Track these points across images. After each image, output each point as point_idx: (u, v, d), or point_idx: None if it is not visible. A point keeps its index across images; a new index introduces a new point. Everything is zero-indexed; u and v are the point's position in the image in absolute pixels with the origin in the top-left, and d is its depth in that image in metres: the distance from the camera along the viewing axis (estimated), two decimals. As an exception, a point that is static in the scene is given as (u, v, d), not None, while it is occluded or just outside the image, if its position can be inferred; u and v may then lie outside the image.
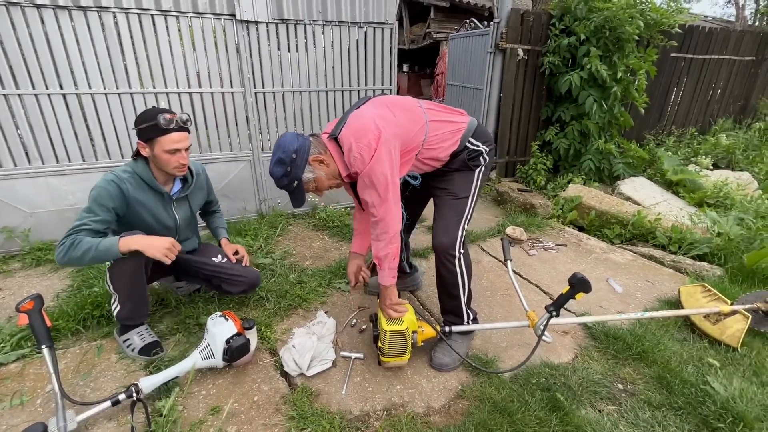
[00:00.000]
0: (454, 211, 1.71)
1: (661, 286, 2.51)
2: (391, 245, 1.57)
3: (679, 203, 3.84)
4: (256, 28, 2.85)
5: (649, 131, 5.37)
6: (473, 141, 1.69)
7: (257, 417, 1.51)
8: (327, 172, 1.57)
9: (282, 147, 1.49)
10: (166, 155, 1.68)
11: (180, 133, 1.69)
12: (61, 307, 1.99)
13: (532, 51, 4.05)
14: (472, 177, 1.72)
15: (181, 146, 1.70)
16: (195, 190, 1.95)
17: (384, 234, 1.55)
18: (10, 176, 2.51)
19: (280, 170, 1.50)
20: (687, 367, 1.76)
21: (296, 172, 1.51)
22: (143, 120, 1.66)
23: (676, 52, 4.94)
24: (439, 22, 8.49)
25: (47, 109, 2.49)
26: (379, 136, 1.45)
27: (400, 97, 1.67)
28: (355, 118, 1.51)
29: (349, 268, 1.87)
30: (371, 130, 1.46)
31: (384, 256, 1.58)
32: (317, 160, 1.54)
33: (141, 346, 1.75)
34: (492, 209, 3.85)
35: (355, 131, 1.47)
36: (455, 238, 1.68)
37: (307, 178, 1.55)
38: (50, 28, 2.36)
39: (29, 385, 1.63)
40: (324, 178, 1.58)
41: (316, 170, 1.55)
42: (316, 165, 1.55)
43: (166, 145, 1.66)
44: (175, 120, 1.67)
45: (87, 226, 1.58)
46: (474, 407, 1.56)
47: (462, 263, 1.70)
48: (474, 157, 1.70)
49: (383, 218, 1.53)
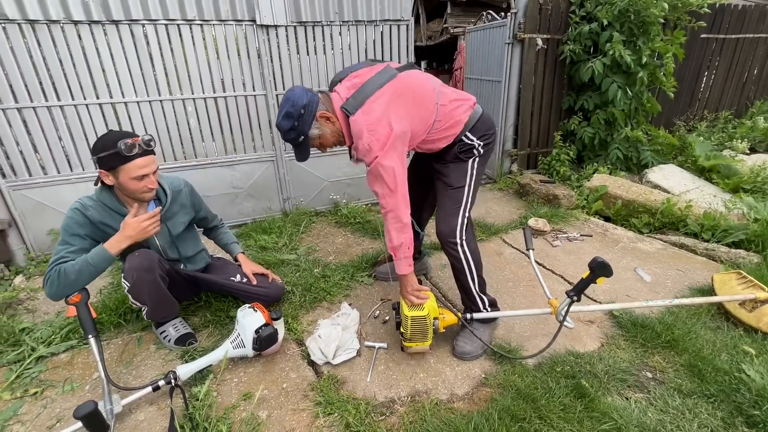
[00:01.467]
0: (450, 201, 1.75)
1: (692, 275, 2.43)
2: (403, 234, 1.61)
3: (712, 190, 3.68)
4: (276, 32, 2.94)
5: (679, 117, 5.15)
6: (468, 135, 1.70)
7: (286, 402, 1.58)
8: (332, 129, 1.59)
9: (291, 101, 1.50)
10: (132, 182, 1.58)
11: (145, 158, 1.58)
12: (103, 301, 2.13)
13: (552, 40, 3.97)
14: (465, 167, 1.74)
15: (147, 171, 1.59)
16: (174, 209, 1.83)
17: (395, 223, 1.60)
18: (55, 182, 2.69)
19: (287, 123, 1.51)
20: (720, 355, 1.71)
21: (303, 126, 1.52)
22: (102, 148, 1.53)
23: (706, 33, 4.72)
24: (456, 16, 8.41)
25: (86, 119, 2.66)
26: (390, 133, 1.49)
27: (422, 85, 1.61)
28: (373, 107, 1.49)
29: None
30: (384, 126, 1.49)
31: (398, 245, 1.62)
32: (324, 116, 1.55)
33: (176, 337, 1.86)
34: (514, 201, 3.81)
35: (368, 123, 1.48)
36: (454, 226, 1.71)
37: (313, 134, 1.57)
38: (86, 42, 2.52)
39: (78, 373, 1.76)
40: (329, 134, 1.59)
41: (323, 127, 1.57)
42: (322, 122, 1.56)
43: (131, 172, 1.56)
44: (137, 144, 1.55)
45: (65, 258, 1.56)
46: (497, 394, 1.58)
47: (465, 249, 1.72)
48: (465, 151, 1.72)
49: (392, 209, 1.58)
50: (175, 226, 1.84)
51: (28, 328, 2.00)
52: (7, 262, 2.68)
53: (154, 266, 1.65)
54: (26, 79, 2.45)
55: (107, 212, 1.66)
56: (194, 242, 2.01)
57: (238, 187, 3.23)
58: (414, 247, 2.31)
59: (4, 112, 2.46)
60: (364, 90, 1.52)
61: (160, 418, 1.52)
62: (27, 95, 2.48)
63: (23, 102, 2.48)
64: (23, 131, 2.54)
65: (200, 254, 2.05)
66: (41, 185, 2.67)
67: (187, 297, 2.08)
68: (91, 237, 1.64)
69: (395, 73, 1.56)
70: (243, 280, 2.01)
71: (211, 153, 3.09)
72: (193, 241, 2.00)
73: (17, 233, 2.68)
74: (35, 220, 2.70)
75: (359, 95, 1.51)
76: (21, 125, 2.52)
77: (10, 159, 2.56)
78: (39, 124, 2.56)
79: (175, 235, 1.86)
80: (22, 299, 2.34)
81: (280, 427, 1.47)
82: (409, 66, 1.67)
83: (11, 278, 2.57)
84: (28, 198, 2.66)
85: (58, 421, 1.53)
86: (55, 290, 1.55)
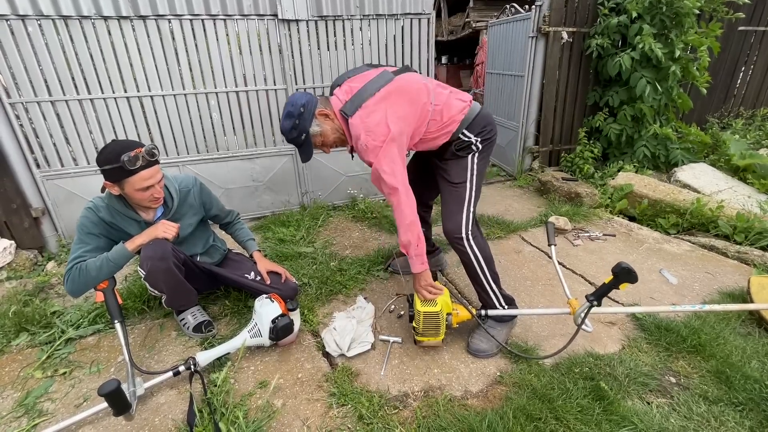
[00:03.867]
0: (453, 198, 1.74)
1: (722, 278, 2.32)
2: (410, 232, 1.60)
3: (746, 190, 3.50)
4: (297, 27, 2.95)
5: (712, 113, 4.92)
6: (465, 133, 1.69)
7: (301, 392, 1.60)
8: (332, 126, 1.64)
9: (291, 102, 1.59)
10: (138, 193, 1.60)
11: (149, 170, 1.59)
12: (128, 288, 2.21)
13: (578, 33, 3.85)
14: (465, 163, 1.73)
15: (152, 182, 1.61)
16: (182, 211, 1.87)
17: (401, 221, 1.60)
18: (85, 173, 2.80)
19: (288, 123, 1.59)
20: (750, 362, 1.63)
21: (304, 124, 1.59)
22: (105, 161, 1.53)
23: (744, 25, 4.48)
24: (479, 10, 8.27)
25: (114, 112, 2.75)
26: (388, 133, 1.52)
27: (416, 87, 1.63)
28: (370, 110, 1.54)
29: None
30: (382, 127, 1.52)
31: (406, 243, 1.62)
32: (323, 114, 1.62)
33: (194, 324, 1.91)
34: (534, 199, 3.73)
35: (366, 126, 1.53)
36: (459, 222, 1.70)
37: (314, 131, 1.62)
38: (115, 37, 2.60)
39: (104, 356, 1.84)
40: (330, 131, 1.64)
41: (323, 124, 1.63)
42: (321, 119, 1.62)
43: (136, 184, 1.57)
44: (141, 156, 1.54)
45: (83, 257, 1.62)
46: (513, 393, 1.55)
47: (472, 244, 1.70)
48: (462, 148, 1.71)
49: (397, 206, 1.59)
50: (183, 229, 1.86)
51: (58, 311, 2.10)
52: (41, 248, 2.81)
53: (167, 255, 1.69)
54: (59, 73, 2.55)
55: (118, 215, 1.71)
56: (204, 239, 2.04)
57: (257, 181, 3.28)
58: (427, 241, 2.32)
59: (39, 105, 2.57)
60: (362, 94, 1.57)
61: (180, 402, 1.56)
62: (60, 89, 2.58)
63: (56, 95, 2.59)
64: (56, 123, 2.65)
65: (212, 248, 2.08)
66: (72, 176, 2.78)
67: (206, 288, 2.13)
68: (105, 236, 1.71)
69: (391, 77, 1.61)
70: (257, 278, 2.03)
71: (233, 146, 3.14)
72: (202, 238, 2.03)
73: (50, 221, 2.81)
74: (67, 208, 2.82)
75: (357, 99, 1.57)
76: (54, 118, 2.63)
77: (44, 150, 2.67)
78: (71, 117, 2.67)
79: (183, 236, 1.89)
80: (53, 284, 2.45)
81: (294, 416, 1.50)
82: (405, 69, 1.71)
83: (44, 264, 2.69)
84: (61, 188, 2.78)
85: (85, 400, 1.60)
86: (76, 287, 1.62)
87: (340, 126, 1.64)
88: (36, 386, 1.66)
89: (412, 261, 1.66)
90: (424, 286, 1.67)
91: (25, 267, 2.62)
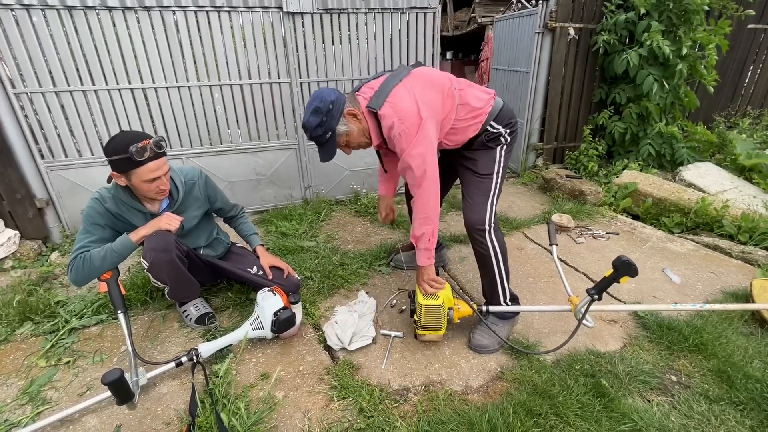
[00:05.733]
0: (479, 190, 1.73)
1: (726, 278, 2.31)
2: (427, 225, 1.60)
3: (752, 190, 3.47)
4: (302, 19, 2.94)
5: (719, 112, 4.88)
6: (493, 125, 1.69)
7: (302, 384, 1.61)
8: (359, 127, 1.60)
9: (319, 97, 1.52)
10: (144, 184, 1.61)
11: (156, 161, 1.59)
12: (132, 279, 2.22)
13: (584, 29, 3.81)
14: (494, 155, 1.72)
15: (159, 173, 1.62)
16: (187, 203, 1.88)
17: (421, 214, 1.60)
18: (89, 164, 2.81)
19: (315, 119, 1.51)
20: (752, 362, 1.63)
21: (331, 122, 1.53)
22: (113, 152, 1.54)
23: (754, 23, 4.43)
24: (485, 5, 8.19)
25: (118, 103, 2.75)
26: (420, 120, 1.50)
27: (437, 74, 1.65)
28: (399, 97, 1.52)
29: (379, 204, 2.10)
30: (414, 113, 1.50)
31: (420, 235, 1.62)
32: (351, 114, 1.57)
33: (196, 316, 1.92)
34: (537, 196, 3.72)
35: (398, 111, 1.50)
36: (483, 214, 1.69)
37: (341, 131, 1.57)
38: (120, 28, 2.60)
39: (107, 346, 1.85)
40: (356, 133, 1.60)
41: (350, 124, 1.58)
42: (350, 119, 1.57)
43: (143, 176, 1.58)
44: (148, 147, 1.55)
45: (87, 247, 1.64)
46: (513, 389, 1.56)
47: (493, 237, 1.70)
48: (492, 139, 1.70)
49: (420, 197, 1.58)
50: (188, 221, 1.87)
51: (62, 301, 2.11)
52: (45, 238, 2.82)
53: (170, 247, 1.70)
54: (64, 64, 2.55)
55: (123, 206, 1.72)
56: (208, 232, 2.04)
57: (261, 174, 3.28)
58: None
59: (43, 96, 2.57)
60: (385, 88, 1.55)
61: (182, 393, 1.57)
62: (64, 79, 2.58)
63: (61, 86, 2.59)
64: (60, 114, 2.65)
65: (216, 241, 2.09)
66: (76, 167, 2.79)
67: (209, 280, 2.14)
68: (110, 227, 1.72)
69: (410, 69, 1.62)
70: (260, 272, 2.02)
71: (236, 139, 3.14)
72: (206, 231, 2.03)
73: (54, 212, 2.82)
74: (70, 199, 2.83)
75: (381, 92, 1.54)
76: (58, 108, 2.63)
77: (48, 141, 2.68)
78: (75, 108, 2.67)
79: (187, 229, 1.90)
80: (57, 274, 2.46)
81: (295, 408, 1.51)
82: (419, 64, 1.72)
83: (48, 254, 2.71)
84: (64, 179, 2.78)
85: (88, 389, 1.61)
86: (80, 276, 1.64)
87: (366, 128, 1.60)
88: (40, 375, 1.68)
89: (419, 253, 1.65)
90: (426, 280, 1.67)
91: (29, 257, 2.64)
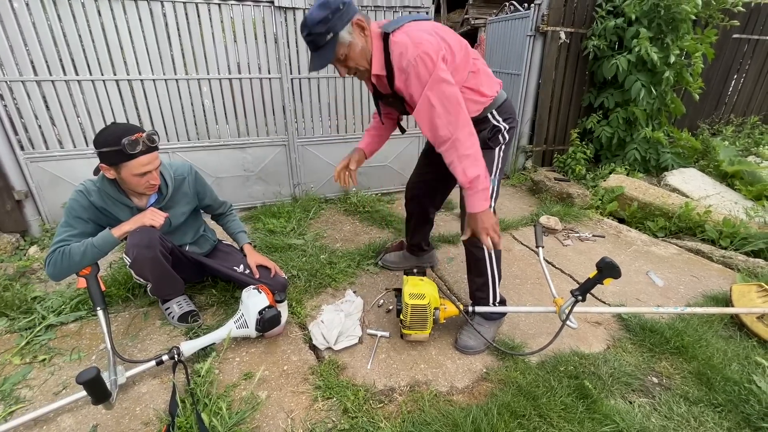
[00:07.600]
0: None
1: (707, 282, 2.36)
2: (479, 163, 1.41)
3: (733, 196, 3.56)
4: (294, 15, 2.90)
5: (703, 120, 4.99)
6: (495, 115, 1.64)
7: (286, 384, 1.59)
8: (363, 45, 1.42)
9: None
10: (134, 178, 1.58)
11: (148, 155, 1.56)
12: (113, 275, 2.16)
13: (575, 34, 3.85)
14: (492, 156, 1.69)
15: (150, 168, 1.59)
16: (176, 198, 1.84)
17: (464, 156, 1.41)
18: (71, 157, 2.73)
19: (320, 14, 1.32)
20: (731, 364, 1.66)
21: (336, 23, 1.34)
22: (104, 143, 1.50)
23: (739, 33, 4.53)
24: (478, 7, 8.25)
25: (102, 95, 2.68)
26: (439, 52, 1.35)
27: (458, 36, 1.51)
28: (417, 29, 1.38)
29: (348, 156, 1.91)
30: (433, 44, 1.34)
31: (475, 177, 1.41)
32: (360, 25, 1.40)
33: (179, 314, 1.88)
34: (526, 198, 3.75)
35: (414, 38, 1.35)
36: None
37: (344, 38, 1.37)
38: (105, 17, 2.53)
39: (86, 343, 1.80)
40: (358, 49, 1.41)
41: (355, 35, 1.39)
42: (357, 30, 1.40)
43: (134, 169, 1.55)
44: (141, 141, 1.52)
45: (66, 242, 1.58)
46: (498, 390, 1.56)
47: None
48: (493, 136, 1.66)
49: (458, 138, 1.39)
50: (175, 217, 1.84)
51: (39, 296, 2.05)
52: (23, 232, 2.74)
53: (154, 243, 1.66)
54: (46, 52, 2.47)
55: (109, 200, 1.67)
56: (195, 229, 2.01)
57: (249, 170, 3.24)
58: (424, 239, 2.31)
59: (23, 84, 2.49)
60: (402, 19, 1.42)
61: (162, 392, 1.54)
62: (46, 69, 2.50)
63: (42, 75, 2.51)
64: (42, 105, 2.57)
65: (202, 238, 2.05)
66: (57, 158, 2.71)
67: (193, 278, 2.10)
68: (93, 221, 1.67)
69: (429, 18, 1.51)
70: (246, 271, 1.98)
71: (224, 135, 3.09)
72: (193, 228, 2.00)
73: (33, 205, 2.74)
74: (51, 192, 2.75)
75: (398, 22, 1.40)
76: (40, 99, 2.55)
77: (28, 132, 2.59)
78: (57, 98, 2.59)
79: (175, 225, 1.86)
80: (35, 269, 2.39)
81: (278, 408, 1.49)
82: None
83: (26, 248, 2.63)
84: (45, 171, 2.70)
85: (64, 387, 1.57)
86: (58, 271, 1.57)
87: (370, 50, 1.43)
88: (13, 372, 1.62)
89: (476, 196, 1.43)
90: (491, 226, 1.46)
91: (6, 251, 2.55)
